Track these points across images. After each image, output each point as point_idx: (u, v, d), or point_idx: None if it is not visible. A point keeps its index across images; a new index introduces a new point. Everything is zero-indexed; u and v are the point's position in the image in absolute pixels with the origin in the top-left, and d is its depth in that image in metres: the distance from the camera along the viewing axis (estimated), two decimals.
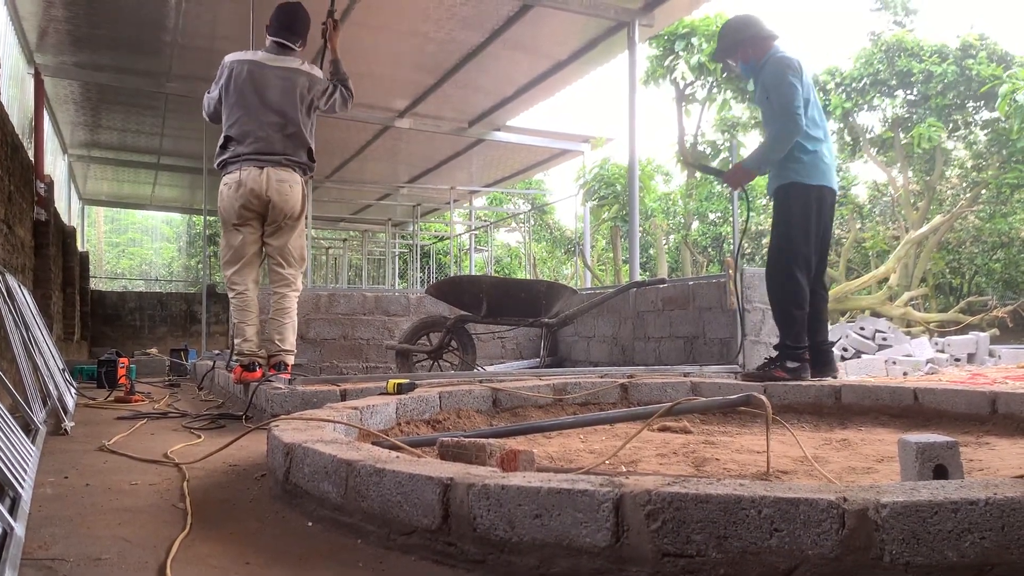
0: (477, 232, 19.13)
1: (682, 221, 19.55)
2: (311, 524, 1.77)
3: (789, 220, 3.94)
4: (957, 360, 9.62)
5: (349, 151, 12.37)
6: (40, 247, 7.32)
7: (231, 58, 4.14)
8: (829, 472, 2.20)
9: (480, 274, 16.38)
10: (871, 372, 8.57)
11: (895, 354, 9.22)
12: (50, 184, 8.03)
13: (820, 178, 3.93)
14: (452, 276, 8.92)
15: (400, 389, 3.21)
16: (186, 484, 2.17)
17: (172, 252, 35.80)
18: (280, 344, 4.08)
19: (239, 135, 4.03)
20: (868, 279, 14.91)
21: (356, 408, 2.69)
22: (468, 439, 2.20)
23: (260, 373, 4.02)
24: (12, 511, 1.71)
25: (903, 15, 16.96)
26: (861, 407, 3.41)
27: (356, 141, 11.80)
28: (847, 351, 9.80)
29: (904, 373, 8.41)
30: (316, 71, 4.24)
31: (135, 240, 36.27)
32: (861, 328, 10.59)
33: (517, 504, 1.40)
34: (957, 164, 17.90)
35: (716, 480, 1.39)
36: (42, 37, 7.92)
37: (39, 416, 3.22)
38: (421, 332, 5.66)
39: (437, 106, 10.10)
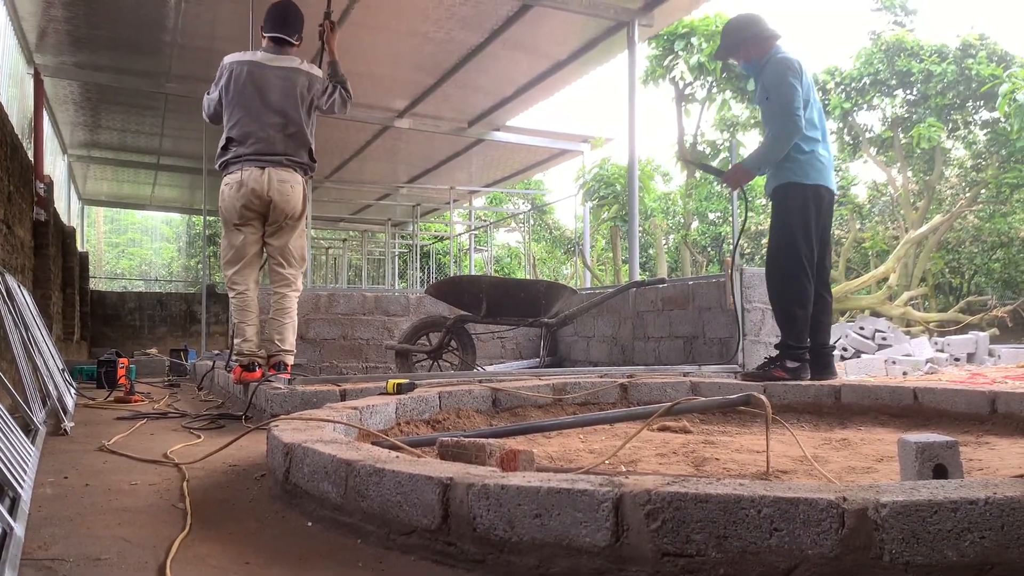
0: (477, 232, 19.13)
1: (682, 221, 19.53)
2: (311, 524, 1.77)
3: (788, 220, 3.95)
4: (957, 360, 9.62)
5: (349, 151, 12.37)
6: (40, 247, 7.32)
7: (230, 59, 4.14)
8: (829, 472, 2.20)
9: (480, 274, 16.37)
10: (871, 372, 8.57)
11: (895, 354, 9.21)
12: (50, 184, 8.03)
13: (817, 177, 3.94)
14: (452, 276, 8.92)
15: (400, 389, 3.21)
16: (186, 484, 2.17)
17: (172, 252, 35.79)
18: (280, 344, 4.09)
19: (240, 136, 4.03)
20: (868, 279, 14.90)
21: (356, 408, 2.69)
22: (468, 439, 2.20)
23: (260, 373, 4.03)
24: (12, 511, 1.71)
25: (903, 15, 16.96)
26: (861, 407, 3.41)
27: (356, 141, 11.80)
28: (847, 351, 9.80)
29: (904, 373, 8.41)
30: (315, 70, 4.24)
31: (135, 240, 36.25)
32: (861, 328, 10.60)
33: (517, 504, 1.40)
34: (956, 164, 17.89)
35: (716, 480, 1.39)
36: (42, 37, 7.92)
37: (39, 416, 3.22)
38: (421, 332, 5.66)
39: (436, 106, 10.10)
